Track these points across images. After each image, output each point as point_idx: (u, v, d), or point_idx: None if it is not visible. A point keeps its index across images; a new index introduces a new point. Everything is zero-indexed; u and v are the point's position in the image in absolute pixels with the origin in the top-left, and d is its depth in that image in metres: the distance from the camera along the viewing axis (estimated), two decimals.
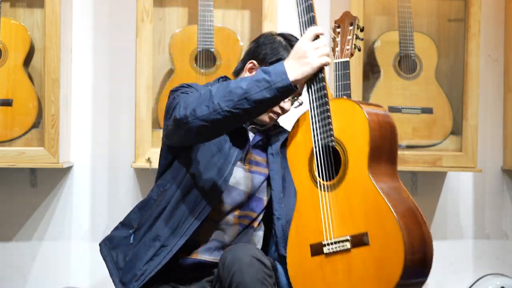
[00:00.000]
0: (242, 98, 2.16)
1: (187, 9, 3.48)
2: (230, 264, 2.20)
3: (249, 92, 2.15)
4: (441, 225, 3.75)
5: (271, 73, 2.16)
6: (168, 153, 2.47)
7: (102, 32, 3.53)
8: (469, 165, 3.47)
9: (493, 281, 3.71)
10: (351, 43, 2.64)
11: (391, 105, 3.46)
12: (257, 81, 2.16)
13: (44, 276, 3.52)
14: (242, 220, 2.47)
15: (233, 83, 2.20)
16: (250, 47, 2.56)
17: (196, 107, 2.22)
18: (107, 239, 2.55)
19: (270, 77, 2.15)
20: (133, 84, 3.32)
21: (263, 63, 2.47)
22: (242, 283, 2.16)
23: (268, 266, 2.23)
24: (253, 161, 2.53)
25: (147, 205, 2.49)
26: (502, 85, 3.76)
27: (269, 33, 2.57)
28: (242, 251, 2.23)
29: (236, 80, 2.24)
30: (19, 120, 3.27)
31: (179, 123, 2.26)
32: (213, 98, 2.19)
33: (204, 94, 2.23)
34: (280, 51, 2.47)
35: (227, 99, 2.17)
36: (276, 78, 2.15)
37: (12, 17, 3.34)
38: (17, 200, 3.49)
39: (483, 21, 3.59)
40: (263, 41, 2.52)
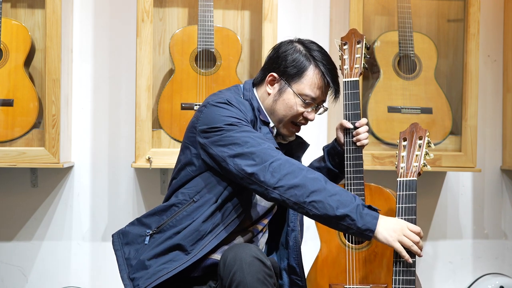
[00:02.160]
0: (327, 216, 2.24)
1: (187, 9, 3.48)
2: (231, 263, 2.21)
3: (336, 218, 2.24)
4: (440, 225, 3.75)
5: (363, 220, 2.24)
6: (202, 165, 2.43)
7: (102, 32, 3.53)
8: (468, 165, 3.48)
9: (492, 280, 3.72)
10: (360, 62, 2.62)
11: (391, 105, 3.46)
12: (348, 217, 2.23)
13: (44, 276, 3.52)
14: (256, 226, 2.51)
15: (330, 198, 2.24)
16: (270, 56, 2.53)
17: (287, 189, 2.26)
18: (121, 233, 2.51)
19: (359, 222, 2.24)
20: (133, 84, 3.32)
21: (284, 76, 2.47)
22: (243, 282, 2.18)
23: (269, 266, 2.24)
24: None
25: (170, 211, 2.45)
26: (501, 85, 3.76)
27: (289, 40, 2.54)
28: (242, 250, 2.24)
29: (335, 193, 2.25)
30: (20, 120, 3.27)
31: (257, 184, 2.30)
32: (309, 195, 2.24)
33: (303, 178, 2.26)
34: (301, 62, 2.46)
35: (318, 206, 2.24)
36: (366, 226, 2.24)
37: (13, 17, 3.35)
38: (17, 200, 3.50)
39: (482, 22, 3.60)
40: (283, 51, 2.50)
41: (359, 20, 3.35)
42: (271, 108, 2.50)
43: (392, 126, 3.45)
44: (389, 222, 2.26)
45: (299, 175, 2.26)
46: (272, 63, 2.50)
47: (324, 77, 2.45)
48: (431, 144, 2.43)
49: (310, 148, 3.65)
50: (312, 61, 2.46)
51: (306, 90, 2.45)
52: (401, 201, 2.39)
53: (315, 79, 2.45)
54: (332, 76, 2.47)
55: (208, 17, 3.31)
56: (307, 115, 2.48)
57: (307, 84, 2.45)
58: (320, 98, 2.48)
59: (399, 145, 2.47)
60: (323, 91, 2.48)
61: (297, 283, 2.56)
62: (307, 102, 2.46)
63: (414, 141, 2.44)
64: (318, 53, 2.47)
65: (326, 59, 2.47)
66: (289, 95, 2.46)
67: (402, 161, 2.43)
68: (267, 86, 2.49)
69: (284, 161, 2.28)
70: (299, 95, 2.46)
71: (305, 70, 2.45)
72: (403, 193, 2.40)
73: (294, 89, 2.46)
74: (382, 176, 3.61)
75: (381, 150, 3.44)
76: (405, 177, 2.41)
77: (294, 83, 2.46)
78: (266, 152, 2.30)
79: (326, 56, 2.49)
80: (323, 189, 2.24)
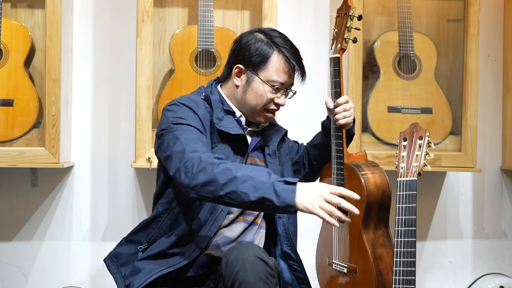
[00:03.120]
0: (245, 203, 2.21)
1: (187, 9, 3.48)
2: (233, 263, 2.21)
3: (255, 204, 2.21)
4: (440, 225, 3.76)
5: (280, 197, 2.19)
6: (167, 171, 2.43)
7: (102, 32, 3.53)
8: (468, 165, 3.48)
9: (492, 280, 3.72)
10: (342, 36, 2.63)
11: (391, 105, 3.46)
12: (265, 199, 2.19)
13: (44, 276, 3.52)
14: (246, 217, 2.51)
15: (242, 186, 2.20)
16: (232, 49, 2.56)
17: (201, 187, 2.24)
18: (114, 256, 2.54)
19: (278, 200, 2.19)
20: (133, 84, 3.32)
21: (250, 66, 2.49)
22: (245, 282, 2.17)
23: (271, 266, 2.24)
24: (254, 164, 2.55)
25: (155, 222, 2.49)
26: (501, 85, 3.76)
27: (249, 31, 2.57)
28: (245, 250, 2.24)
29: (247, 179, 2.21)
30: (20, 120, 3.27)
31: (179, 186, 2.30)
32: (221, 188, 2.21)
33: (212, 173, 2.22)
34: (264, 50, 2.49)
35: (233, 197, 2.21)
36: (284, 202, 2.19)
37: (13, 17, 3.35)
38: (17, 200, 3.50)
39: (482, 22, 3.60)
40: (245, 42, 2.52)
41: None
42: (241, 99, 2.53)
43: (392, 126, 3.45)
44: (308, 190, 2.19)
45: (209, 170, 2.22)
46: (236, 56, 2.53)
47: (289, 61, 2.48)
48: (431, 144, 2.43)
49: None
50: (275, 48, 2.48)
51: (274, 76, 2.48)
52: (401, 201, 2.40)
53: (280, 64, 2.48)
54: (297, 59, 2.51)
55: (208, 17, 3.31)
56: (278, 100, 2.51)
57: (273, 70, 2.48)
58: (288, 82, 2.52)
59: (399, 145, 2.47)
60: (290, 75, 2.51)
61: (295, 268, 2.57)
62: (276, 87, 2.49)
63: (414, 141, 2.45)
64: (279, 39, 2.51)
65: (288, 44, 2.51)
66: (258, 84, 2.49)
67: (402, 161, 2.44)
68: (235, 79, 2.52)
69: (196, 159, 2.25)
70: (267, 82, 2.48)
71: (269, 57, 2.48)
72: (403, 193, 2.41)
73: (261, 77, 2.48)
74: None
75: (381, 150, 3.44)
76: (405, 177, 2.41)
77: (261, 71, 2.49)
78: (182, 152, 2.29)
79: (287, 41, 2.52)
80: (234, 178, 2.20)
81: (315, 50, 3.61)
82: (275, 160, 2.59)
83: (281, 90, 2.51)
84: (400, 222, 2.42)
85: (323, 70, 3.62)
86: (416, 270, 2.37)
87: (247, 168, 2.24)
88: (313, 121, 3.66)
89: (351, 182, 2.59)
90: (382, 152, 3.42)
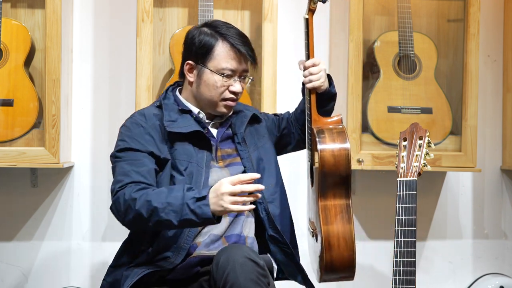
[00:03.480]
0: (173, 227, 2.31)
1: (187, 9, 3.48)
2: (224, 264, 2.22)
3: (181, 225, 2.30)
4: (440, 225, 3.75)
5: (198, 215, 2.26)
6: None
7: (102, 32, 3.53)
8: (468, 165, 3.48)
9: (492, 280, 3.72)
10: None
11: (391, 105, 3.46)
12: (186, 220, 2.28)
13: (44, 276, 3.52)
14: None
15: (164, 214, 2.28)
16: (183, 47, 2.60)
17: (132, 223, 2.37)
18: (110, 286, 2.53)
19: (197, 218, 2.26)
20: (133, 84, 3.32)
21: (198, 59, 2.52)
22: (236, 283, 2.18)
23: (262, 266, 2.25)
24: (225, 155, 2.56)
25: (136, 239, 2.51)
26: (501, 85, 3.76)
27: (194, 27, 2.60)
28: (235, 251, 2.25)
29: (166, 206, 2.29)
30: (20, 120, 3.27)
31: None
32: (148, 220, 2.30)
33: (135, 209, 2.32)
34: (208, 41, 2.51)
35: (161, 225, 2.31)
36: (203, 217, 2.26)
37: (13, 17, 3.35)
38: (17, 200, 3.49)
39: (482, 22, 3.59)
40: (190, 37, 2.56)
41: (359, 20, 3.35)
42: (197, 94, 2.55)
43: (392, 126, 3.45)
44: (215, 194, 2.25)
45: (132, 207, 2.32)
46: (185, 53, 2.57)
47: (234, 46, 2.49)
48: (431, 144, 2.43)
49: None
50: (218, 36, 2.50)
51: (222, 64, 2.49)
52: (401, 201, 2.40)
53: (226, 51, 2.49)
54: (242, 42, 2.51)
55: (208, 17, 3.31)
56: (232, 88, 2.52)
57: (220, 58, 2.49)
58: (240, 68, 2.52)
59: (399, 145, 2.48)
60: (239, 61, 2.51)
61: (285, 251, 2.57)
62: (226, 75, 2.50)
63: (414, 141, 2.45)
64: (223, 28, 2.53)
65: (232, 31, 2.52)
66: (208, 75, 2.51)
67: (402, 161, 2.44)
68: (188, 76, 2.55)
69: (121, 198, 2.37)
70: (216, 72, 2.50)
71: (214, 47, 2.50)
72: (403, 193, 2.41)
73: (210, 67, 2.50)
74: (382, 176, 3.61)
75: (381, 150, 3.44)
76: (405, 177, 2.41)
77: (209, 62, 2.50)
78: (112, 192, 2.42)
79: (232, 28, 2.54)
80: (154, 209, 2.28)
81: (316, 50, 3.60)
82: (246, 148, 2.58)
83: (233, 77, 2.51)
84: (400, 222, 2.42)
85: None
86: (416, 270, 2.37)
87: (164, 193, 2.30)
88: None
89: (314, 148, 2.58)
90: (382, 152, 3.42)
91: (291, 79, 3.58)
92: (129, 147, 2.47)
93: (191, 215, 2.25)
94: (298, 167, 3.56)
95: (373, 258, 3.68)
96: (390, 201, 3.29)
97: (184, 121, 2.52)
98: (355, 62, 3.36)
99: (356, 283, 3.68)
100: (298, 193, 3.48)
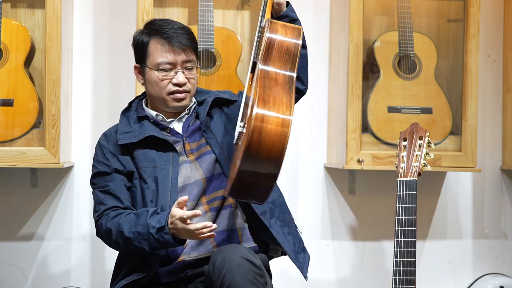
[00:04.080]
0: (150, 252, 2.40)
1: (187, 9, 3.48)
2: (220, 265, 2.21)
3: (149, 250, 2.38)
4: (440, 225, 3.75)
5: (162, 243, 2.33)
6: None
7: (102, 32, 3.53)
8: (468, 165, 3.48)
9: (492, 280, 3.72)
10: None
11: (391, 105, 3.46)
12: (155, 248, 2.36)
13: (44, 276, 3.52)
14: (212, 204, 2.48)
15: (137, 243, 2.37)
16: None
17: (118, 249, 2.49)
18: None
19: (162, 246, 2.34)
20: (133, 84, 3.32)
21: (139, 61, 2.56)
22: (233, 284, 2.18)
23: (258, 266, 2.24)
24: (194, 148, 2.54)
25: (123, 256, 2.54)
26: (501, 85, 3.76)
27: (136, 31, 2.61)
28: (231, 252, 2.24)
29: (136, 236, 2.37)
30: (20, 120, 3.27)
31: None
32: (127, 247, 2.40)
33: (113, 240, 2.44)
34: (142, 40, 2.52)
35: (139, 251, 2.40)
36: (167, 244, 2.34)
37: (13, 17, 3.35)
38: (17, 200, 3.49)
39: (482, 22, 3.59)
40: (133, 41, 2.58)
41: (359, 20, 3.35)
42: (148, 94, 2.58)
43: (392, 126, 3.45)
44: (173, 226, 2.30)
45: (111, 239, 2.43)
46: (135, 58, 2.60)
47: (165, 39, 2.48)
48: (431, 144, 2.43)
49: (310, 142, 3.65)
50: (150, 33, 2.51)
51: (157, 59, 2.49)
52: (401, 201, 2.40)
53: (158, 46, 2.49)
54: (176, 34, 2.49)
55: (208, 17, 3.31)
56: (175, 80, 2.49)
57: (154, 55, 2.49)
58: (178, 60, 2.49)
59: (399, 145, 2.47)
60: (176, 52, 2.49)
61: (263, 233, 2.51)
62: (162, 68, 2.49)
63: (414, 141, 2.45)
64: (156, 24, 2.53)
65: (166, 26, 2.51)
66: (149, 73, 2.52)
67: (402, 161, 2.44)
68: (139, 79, 2.60)
69: (102, 230, 2.47)
70: (154, 68, 2.50)
71: (147, 45, 2.51)
72: (403, 193, 2.41)
73: (149, 65, 2.51)
74: (382, 176, 3.61)
75: (381, 150, 3.44)
76: (405, 177, 2.41)
77: (147, 61, 2.52)
78: (95, 220, 2.52)
79: (168, 22, 2.53)
80: (127, 239, 2.37)
81: (315, 50, 3.61)
82: (211, 134, 2.55)
83: (173, 69, 2.50)
84: (400, 222, 2.42)
85: (323, 70, 3.62)
86: (416, 270, 2.37)
87: (133, 220, 2.38)
88: (312, 121, 3.66)
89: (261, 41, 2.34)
90: (382, 152, 3.42)
91: None
92: (98, 171, 2.56)
93: (157, 244, 2.33)
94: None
95: (373, 258, 3.68)
96: (390, 201, 3.30)
97: (140, 129, 2.53)
98: (355, 62, 3.36)
99: (356, 283, 3.69)
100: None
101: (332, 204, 3.66)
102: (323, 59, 3.62)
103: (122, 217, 2.41)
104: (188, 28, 2.56)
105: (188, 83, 2.52)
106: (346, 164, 3.36)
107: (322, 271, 3.65)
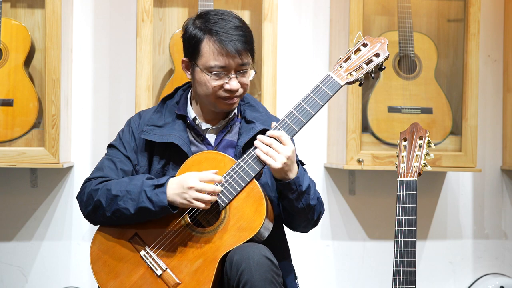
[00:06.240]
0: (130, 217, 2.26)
1: (187, 9, 3.48)
2: (239, 261, 2.14)
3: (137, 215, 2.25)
4: (440, 225, 3.75)
5: (154, 203, 2.22)
6: None
7: (102, 32, 3.53)
8: (468, 165, 3.48)
9: (493, 280, 3.72)
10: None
11: (391, 105, 3.46)
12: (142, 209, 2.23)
13: (44, 276, 3.52)
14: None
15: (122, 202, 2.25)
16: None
17: (92, 214, 2.33)
18: None
19: (153, 206, 2.22)
20: (133, 84, 3.32)
21: (190, 56, 2.34)
22: (250, 281, 2.11)
23: (277, 265, 2.17)
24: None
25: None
26: (501, 85, 3.76)
27: (188, 19, 2.38)
28: (250, 249, 2.17)
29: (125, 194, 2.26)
30: (20, 120, 3.27)
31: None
32: (107, 210, 2.27)
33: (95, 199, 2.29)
34: (195, 35, 2.30)
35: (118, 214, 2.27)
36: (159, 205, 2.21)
37: (13, 17, 3.35)
38: (17, 200, 3.50)
39: (483, 22, 3.60)
40: (184, 32, 2.36)
41: (359, 20, 3.35)
42: (196, 93, 2.38)
43: (392, 126, 3.45)
44: (179, 185, 2.20)
45: (93, 197, 2.29)
46: (183, 49, 2.38)
47: (221, 42, 2.27)
48: (431, 144, 2.43)
49: (310, 142, 3.65)
50: (206, 30, 2.28)
51: (210, 62, 2.28)
52: (401, 201, 2.39)
53: (213, 47, 2.27)
54: (232, 36, 2.27)
55: None
56: (227, 86, 2.30)
57: (208, 56, 2.28)
58: (233, 64, 2.28)
59: (399, 145, 2.47)
60: (231, 55, 2.27)
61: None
62: (215, 73, 2.29)
63: (415, 141, 2.44)
64: (211, 20, 2.30)
65: (222, 23, 2.29)
66: (199, 74, 2.31)
67: (402, 161, 2.43)
68: (186, 73, 2.39)
69: (86, 189, 2.33)
70: (205, 70, 2.29)
71: (200, 42, 2.29)
72: (403, 193, 2.40)
73: (199, 65, 2.30)
74: (382, 176, 3.61)
75: (381, 150, 3.44)
76: (405, 177, 2.41)
77: (198, 59, 2.31)
78: (83, 184, 2.37)
79: (223, 19, 2.30)
80: (113, 197, 2.26)
81: (315, 50, 3.61)
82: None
83: (227, 74, 2.29)
84: (400, 222, 2.41)
85: (323, 70, 3.62)
86: (416, 270, 2.36)
87: (125, 182, 2.27)
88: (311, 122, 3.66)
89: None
90: (382, 152, 3.42)
91: (291, 79, 3.59)
92: (116, 146, 2.42)
93: (148, 202, 2.21)
94: None
95: (373, 258, 3.69)
96: (390, 201, 3.31)
97: (169, 129, 2.37)
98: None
99: (356, 283, 3.69)
100: None
101: (332, 204, 3.66)
102: (323, 59, 3.62)
103: (114, 181, 2.30)
104: (245, 27, 2.33)
105: (241, 88, 2.32)
106: (346, 164, 3.36)
107: (322, 271, 3.65)
